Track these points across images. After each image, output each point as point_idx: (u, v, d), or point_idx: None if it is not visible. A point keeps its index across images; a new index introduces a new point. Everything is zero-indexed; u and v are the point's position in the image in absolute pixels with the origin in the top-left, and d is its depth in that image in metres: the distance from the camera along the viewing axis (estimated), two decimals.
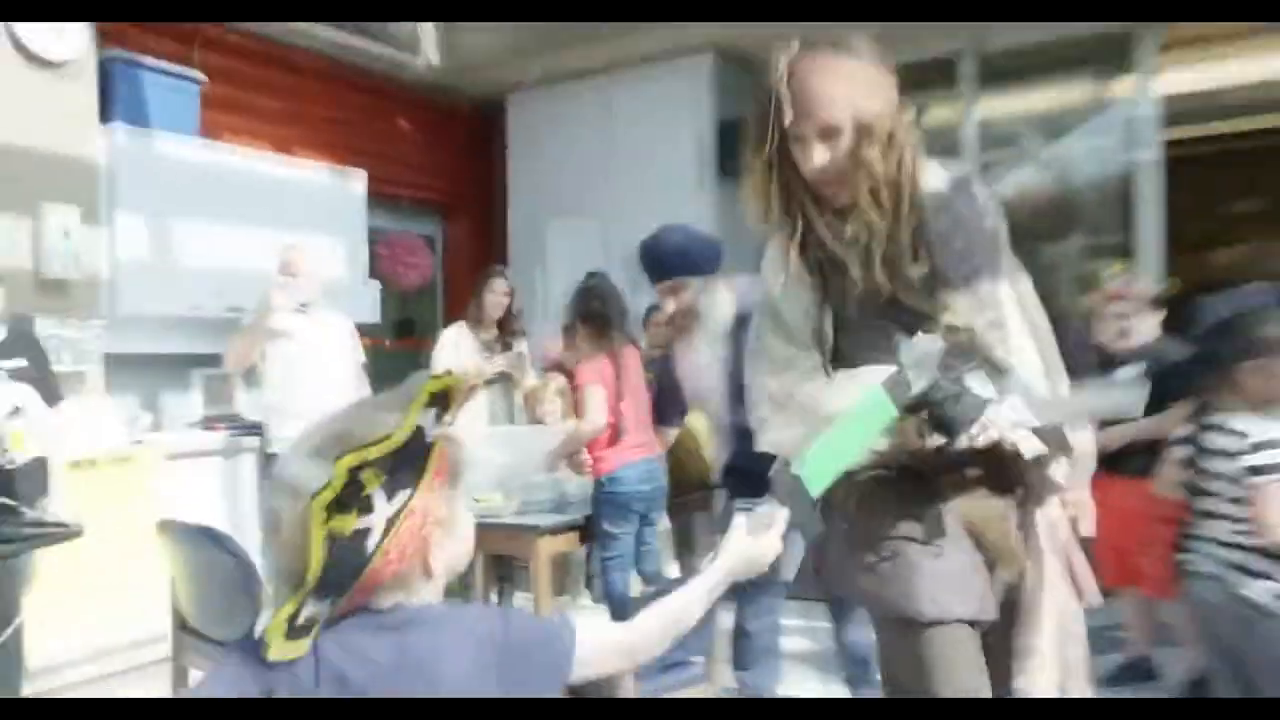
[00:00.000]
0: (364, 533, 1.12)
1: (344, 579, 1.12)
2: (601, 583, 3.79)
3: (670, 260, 3.42)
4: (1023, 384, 1.69)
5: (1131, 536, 3.45)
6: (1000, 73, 5.94)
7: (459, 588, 5.13)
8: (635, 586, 3.76)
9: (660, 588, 3.12)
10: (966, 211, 1.73)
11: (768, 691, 3.38)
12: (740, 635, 3.17)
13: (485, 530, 3.39)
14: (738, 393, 3.17)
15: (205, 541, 2.98)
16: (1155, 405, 3.55)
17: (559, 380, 4.58)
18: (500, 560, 4.75)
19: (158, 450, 4.41)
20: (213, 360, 4.69)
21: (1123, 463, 3.59)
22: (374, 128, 6.18)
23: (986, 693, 1.73)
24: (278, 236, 4.50)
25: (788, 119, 1.65)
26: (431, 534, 1.21)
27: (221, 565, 2.88)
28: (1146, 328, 3.82)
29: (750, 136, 1.73)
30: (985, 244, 1.74)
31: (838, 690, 3.57)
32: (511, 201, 6.70)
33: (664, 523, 3.98)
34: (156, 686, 3.61)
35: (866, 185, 1.65)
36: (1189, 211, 6.13)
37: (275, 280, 4.18)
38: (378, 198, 5.62)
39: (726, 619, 3.14)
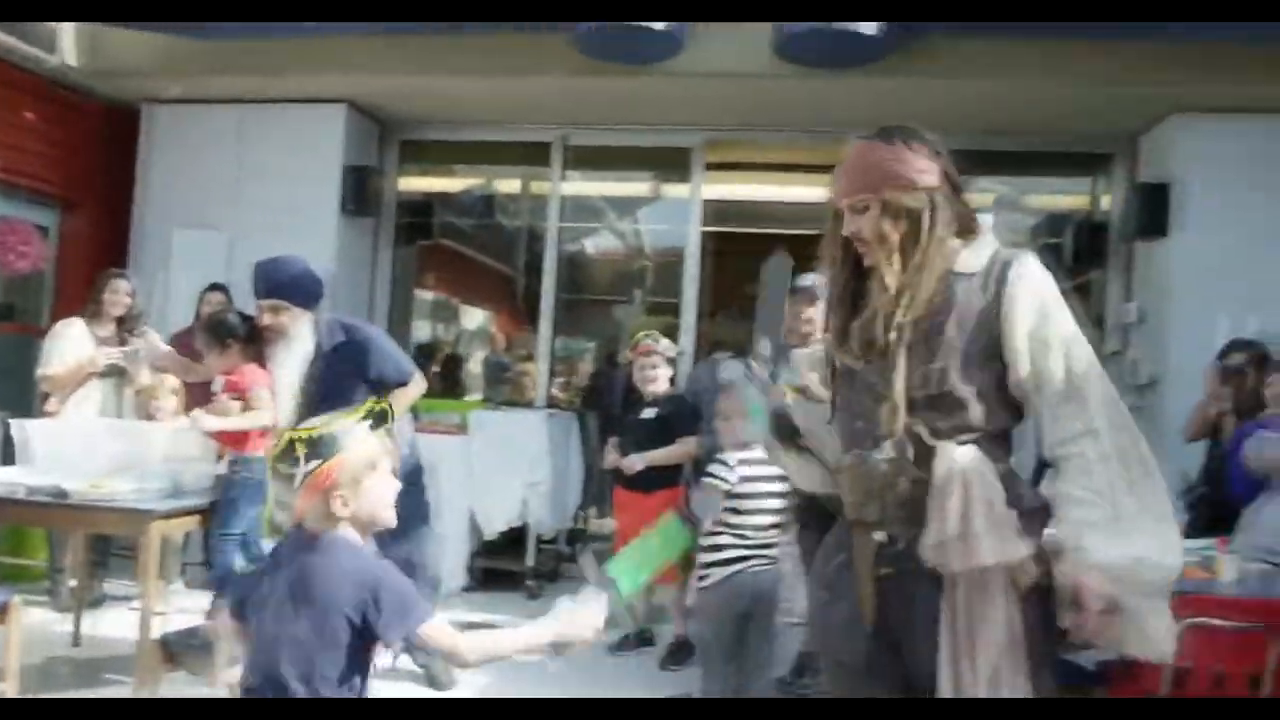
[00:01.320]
0: (292, 476, 1.70)
1: (287, 502, 1.74)
2: (216, 558, 3.78)
3: (280, 284, 3.61)
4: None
5: None
6: (583, 161, 6.68)
7: (49, 567, 4.83)
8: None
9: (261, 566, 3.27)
10: (989, 291, 1.70)
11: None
12: None
13: (99, 513, 3.37)
14: (310, 406, 3.47)
15: None
16: (668, 438, 4.33)
17: (173, 380, 4.51)
18: (98, 543, 4.58)
19: None
20: None
21: (644, 480, 4.29)
22: None
23: None
24: None
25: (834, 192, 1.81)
26: (338, 493, 1.71)
27: None
28: (663, 378, 4.45)
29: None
30: (993, 324, 1.69)
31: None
32: (137, 204, 6.28)
33: None
34: None
35: (882, 253, 1.72)
36: (721, 287, 7.27)
37: None
38: None
39: None
